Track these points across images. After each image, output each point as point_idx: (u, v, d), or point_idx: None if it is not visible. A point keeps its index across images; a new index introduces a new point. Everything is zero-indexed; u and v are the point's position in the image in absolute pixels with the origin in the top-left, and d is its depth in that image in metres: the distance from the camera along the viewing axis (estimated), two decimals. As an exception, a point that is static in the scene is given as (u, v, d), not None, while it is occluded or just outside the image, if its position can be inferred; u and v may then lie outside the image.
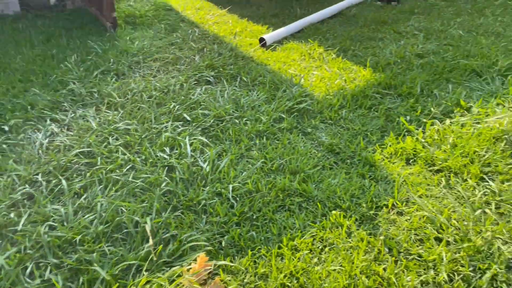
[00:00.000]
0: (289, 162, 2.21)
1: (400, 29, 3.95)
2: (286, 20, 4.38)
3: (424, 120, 2.51)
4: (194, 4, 5.03)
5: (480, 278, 1.56)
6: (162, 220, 1.81)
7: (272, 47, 3.74)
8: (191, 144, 2.32)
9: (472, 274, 1.57)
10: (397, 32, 3.89)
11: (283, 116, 2.63)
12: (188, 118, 2.57)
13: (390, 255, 1.67)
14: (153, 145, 2.34)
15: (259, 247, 1.73)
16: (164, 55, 3.51)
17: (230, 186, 2.01)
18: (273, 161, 2.23)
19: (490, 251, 1.67)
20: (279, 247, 1.73)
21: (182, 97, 2.81)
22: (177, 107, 2.67)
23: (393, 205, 1.93)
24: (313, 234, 1.78)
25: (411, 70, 3.13)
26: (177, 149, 2.29)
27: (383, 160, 2.24)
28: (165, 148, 2.30)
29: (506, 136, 2.32)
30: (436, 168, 2.16)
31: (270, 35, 3.78)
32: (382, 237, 1.74)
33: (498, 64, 3.10)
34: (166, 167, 2.16)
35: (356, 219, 1.86)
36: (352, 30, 4.01)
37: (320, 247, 1.73)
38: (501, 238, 1.73)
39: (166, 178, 2.06)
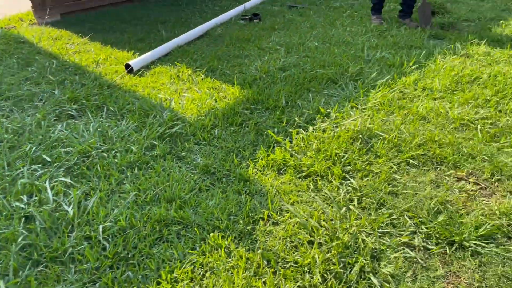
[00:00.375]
0: (164, 190, 2.15)
1: (263, 45, 4.16)
2: (152, 44, 4.31)
3: (290, 130, 2.66)
4: (51, 34, 4.68)
5: (350, 272, 1.68)
6: (21, 280, 1.61)
7: (140, 72, 3.64)
8: (52, 188, 2.11)
9: (342, 270, 1.68)
10: (260, 48, 4.09)
11: (155, 143, 2.56)
12: (48, 159, 2.35)
13: (268, 267, 1.70)
14: (7, 195, 2.08)
15: (136, 287, 1.63)
16: (17, 92, 3.18)
17: (101, 227, 1.87)
18: (147, 191, 2.14)
19: (357, 245, 1.80)
20: (158, 283, 1.65)
21: (40, 137, 2.56)
22: (34, 148, 2.42)
23: (268, 216, 1.99)
24: (193, 261, 1.74)
25: (275, 84, 3.30)
26: (36, 196, 2.06)
27: (257, 173, 2.30)
28: (21, 196, 2.06)
29: (360, 136, 2.57)
30: (304, 174, 2.28)
31: (137, 61, 3.68)
32: (260, 251, 1.77)
33: (349, 70, 3.44)
34: (24, 218, 1.93)
35: (235, 237, 1.87)
36: (218, 49, 4.10)
37: (201, 274, 1.70)
38: (364, 231, 1.88)
39: (23, 231, 1.84)
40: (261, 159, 2.40)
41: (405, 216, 1.96)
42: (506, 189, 2.12)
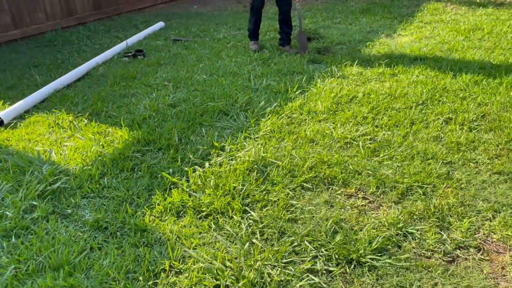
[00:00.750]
0: (49, 257, 1.91)
1: (150, 82, 4.05)
2: (25, 90, 3.93)
3: (186, 168, 2.59)
4: None
5: (259, 312, 1.64)
6: None
7: (12, 124, 3.28)
8: None
9: (251, 311, 1.64)
10: (148, 85, 3.98)
11: (35, 203, 2.29)
12: None
13: (175, 325, 1.59)
14: None
15: None
16: None
17: (-30, 317, 1.59)
18: (29, 262, 1.89)
19: (263, 280, 1.78)
20: None
21: None
22: None
23: (170, 266, 1.88)
24: (89, 335, 1.56)
25: (167, 121, 3.22)
26: None
27: (154, 221, 2.18)
28: None
29: (256, 166, 2.60)
30: (204, 213, 2.22)
31: (7, 112, 3.31)
32: (164, 308, 1.65)
33: (239, 101, 3.50)
34: None
35: (135, 298, 1.72)
36: (102, 90, 3.90)
37: None
38: (269, 264, 1.87)
39: None
40: (158, 204, 2.29)
41: (305, 241, 2.00)
42: (391, 199, 2.30)
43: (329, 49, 4.87)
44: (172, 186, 2.44)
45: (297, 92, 3.63)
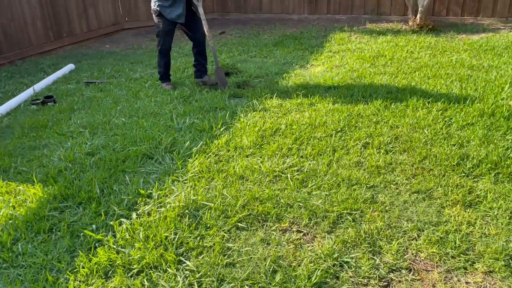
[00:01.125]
0: None
1: (64, 130, 3.80)
2: None
3: (111, 222, 2.42)
4: None
5: None
6: None
7: None
8: None
9: None
10: (61, 134, 3.72)
11: None
12: None
13: None
14: None
15: None
16: None
17: None
18: None
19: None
20: None
21: None
22: None
23: (103, 337, 1.71)
24: None
25: (85, 172, 3.01)
26: None
27: (80, 286, 1.99)
28: None
29: (187, 210, 2.51)
30: (136, 270, 2.07)
31: None
32: None
33: (162, 142, 3.39)
34: None
35: None
36: (8, 143, 3.56)
37: None
38: (211, 317, 1.78)
39: None
40: (83, 267, 2.09)
41: (245, 286, 1.95)
42: (324, 230, 2.34)
43: (248, 83, 4.97)
44: (97, 245, 2.26)
45: (222, 129, 3.62)
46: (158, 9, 4.48)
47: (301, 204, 2.55)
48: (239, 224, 2.40)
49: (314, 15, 8.61)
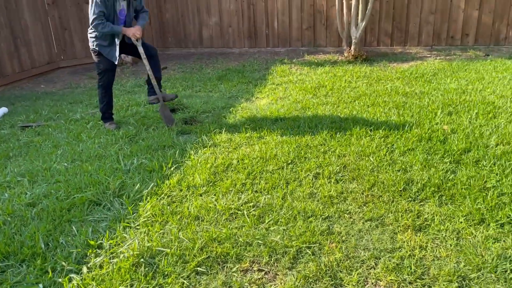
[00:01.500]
0: None
1: (0, 180, 3.52)
2: None
3: (60, 279, 2.24)
4: None
5: None
6: None
7: None
8: None
9: None
10: (-4, 184, 3.45)
11: None
12: None
13: None
14: None
15: None
16: None
17: None
18: None
19: None
20: None
21: None
22: None
23: None
24: None
25: (27, 225, 2.80)
26: None
27: None
28: None
29: (142, 259, 2.40)
30: (91, 331, 1.93)
31: None
32: None
33: (110, 187, 3.25)
34: None
35: None
36: None
37: None
38: None
39: None
40: (30, 334, 1.91)
41: (212, 336, 1.87)
42: (285, 266, 2.33)
43: (196, 118, 4.94)
44: (45, 306, 2.08)
45: (172, 168, 3.54)
46: (97, 48, 4.38)
47: (260, 242, 2.53)
48: (198, 268, 2.33)
49: (255, 49, 8.85)
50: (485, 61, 6.67)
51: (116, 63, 4.45)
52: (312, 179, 3.28)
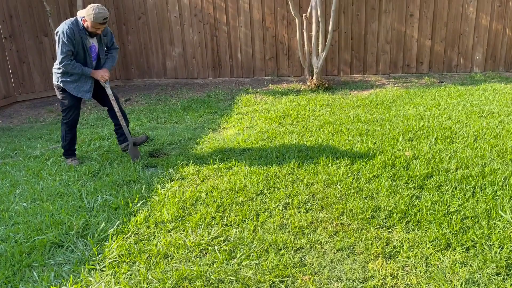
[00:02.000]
0: None
1: (-49, 224, 3.30)
2: None
3: (19, 332, 2.09)
4: None
5: None
6: None
7: None
8: None
9: None
10: None
11: None
12: None
13: None
14: None
15: None
16: None
17: None
18: None
19: None
20: None
21: None
22: None
23: None
24: None
25: (-18, 273, 2.62)
26: None
27: None
28: None
29: (109, 303, 2.28)
30: None
31: None
32: None
33: (73, 227, 3.11)
34: None
35: None
36: None
37: None
38: None
39: None
40: None
41: None
42: (259, 303, 2.28)
43: (162, 151, 4.87)
44: None
45: (139, 204, 3.45)
46: (61, 84, 4.28)
47: (232, 278, 2.48)
48: (169, 310, 2.24)
49: (219, 79, 8.92)
50: (439, 87, 7.02)
51: (86, 98, 4.33)
52: (282, 209, 3.28)
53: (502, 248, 2.60)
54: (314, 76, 7.55)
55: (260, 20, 8.39)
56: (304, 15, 7.37)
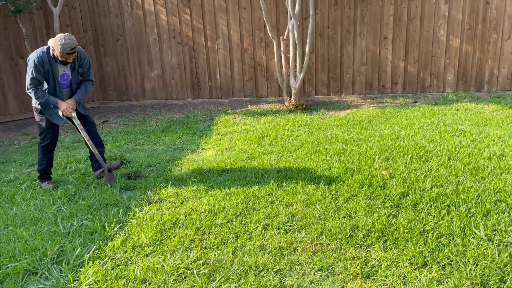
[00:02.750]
0: None
1: None
2: None
3: None
4: None
5: None
6: None
7: None
8: None
9: None
10: None
11: None
12: None
13: None
14: None
15: None
16: None
17: None
18: None
19: None
20: None
21: None
22: None
23: None
24: None
25: (-51, 304, 2.50)
26: None
27: None
28: None
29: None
30: None
31: None
32: None
33: (48, 253, 3.03)
34: None
35: None
36: None
37: None
38: None
39: None
40: None
41: None
42: (239, 327, 2.26)
43: (140, 173, 4.82)
44: None
45: (116, 228, 3.39)
46: (39, 107, 4.22)
47: (211, 302, 2.44)
48: (147, 337, 2.19)
49: (198, 100, 8.95)
50: (414, 107, 7.22)
51: (60, 124, 4.29)
52: (262, 230, 3.27)
53: (477, 265, 2.66)
54: (292, 97, 7.66)
55: (238, 42, 8.51)
56: (281, 37, 7.53)
